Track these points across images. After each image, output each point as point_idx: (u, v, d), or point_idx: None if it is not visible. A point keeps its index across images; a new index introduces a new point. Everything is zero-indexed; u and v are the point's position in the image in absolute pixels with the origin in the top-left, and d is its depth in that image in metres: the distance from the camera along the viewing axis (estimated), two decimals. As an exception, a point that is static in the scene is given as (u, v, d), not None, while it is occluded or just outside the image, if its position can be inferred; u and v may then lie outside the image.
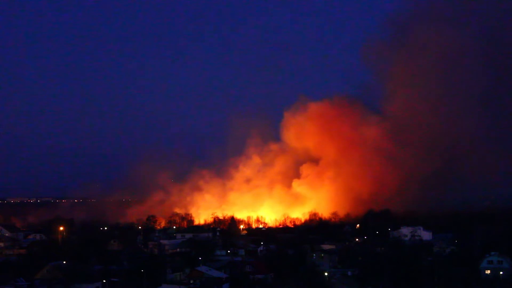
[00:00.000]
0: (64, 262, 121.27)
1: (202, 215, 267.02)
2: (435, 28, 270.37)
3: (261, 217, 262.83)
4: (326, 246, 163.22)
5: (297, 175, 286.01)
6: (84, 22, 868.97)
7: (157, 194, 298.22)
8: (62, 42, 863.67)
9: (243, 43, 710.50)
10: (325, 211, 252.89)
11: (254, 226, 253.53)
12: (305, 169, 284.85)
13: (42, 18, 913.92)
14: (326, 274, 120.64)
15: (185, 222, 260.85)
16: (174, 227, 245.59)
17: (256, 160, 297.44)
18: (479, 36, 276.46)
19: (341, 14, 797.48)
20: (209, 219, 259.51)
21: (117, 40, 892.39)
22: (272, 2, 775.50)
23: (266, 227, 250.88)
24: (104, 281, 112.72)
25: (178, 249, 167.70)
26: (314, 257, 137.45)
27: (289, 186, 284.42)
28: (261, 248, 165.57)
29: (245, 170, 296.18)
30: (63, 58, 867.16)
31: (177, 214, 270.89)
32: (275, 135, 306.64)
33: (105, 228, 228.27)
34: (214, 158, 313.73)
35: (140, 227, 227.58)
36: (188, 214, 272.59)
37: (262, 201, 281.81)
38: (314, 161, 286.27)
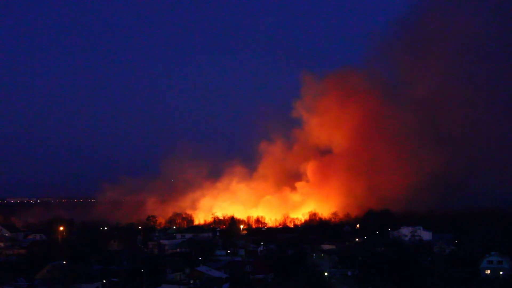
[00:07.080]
0: (64, 262, 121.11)
1: (229, 209, 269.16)
2: (449, 16, 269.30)
3: (261, 217, 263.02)
4: (326, 246, 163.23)
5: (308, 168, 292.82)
6: (106, 20, 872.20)
7: (188, 191, 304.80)
8: (70, 39, 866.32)
9: (260, 42, 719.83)
10: (325, 211, 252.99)
11: (254, 226, 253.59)
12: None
13: (56, 19, 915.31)
14: (326, 274, 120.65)
15: (185, 222, 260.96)
16: (174, 227, 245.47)
17: (279, 150, 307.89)
18: (495, 24, 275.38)
19: (352, 8, 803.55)
20: (209, 219, 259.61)
21: (140, 39, 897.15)
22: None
23: (266, 227, 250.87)
24: (104, 281, 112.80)
25: (178, 249, 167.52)
26: (314, 257, 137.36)
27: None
28: (261, 248, 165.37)
29: (270, 159, 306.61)
30: (64, 56, 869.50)
31: (178, 214, 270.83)
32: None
33: (105, 228, 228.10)
34: (238, 151, 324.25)
35: (140, 227, 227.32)
36: (189, 214, 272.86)
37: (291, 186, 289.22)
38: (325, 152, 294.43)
